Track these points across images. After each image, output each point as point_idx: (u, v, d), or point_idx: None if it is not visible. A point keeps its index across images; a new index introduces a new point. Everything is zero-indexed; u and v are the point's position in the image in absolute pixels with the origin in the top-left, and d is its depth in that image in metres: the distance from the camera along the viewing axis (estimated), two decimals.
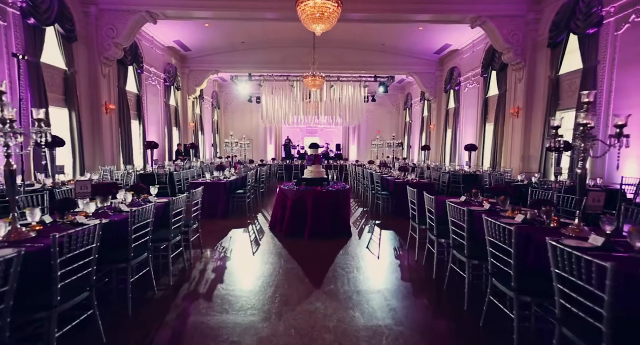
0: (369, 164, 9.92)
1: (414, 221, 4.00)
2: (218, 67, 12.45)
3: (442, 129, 12.84)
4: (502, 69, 9.38)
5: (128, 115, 9.20)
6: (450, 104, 12.40)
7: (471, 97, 11.08)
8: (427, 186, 5.93)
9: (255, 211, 6.43)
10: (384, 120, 16.48)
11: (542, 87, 8.20)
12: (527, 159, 8.65)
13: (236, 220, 5.72)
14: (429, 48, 11.95)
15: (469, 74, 11.07)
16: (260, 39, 11.56)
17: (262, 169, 7.96)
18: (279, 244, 4.42)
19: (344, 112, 13.62)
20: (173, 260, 3.40)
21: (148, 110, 10.28)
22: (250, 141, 16.18)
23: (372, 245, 4.41)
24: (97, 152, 8.16)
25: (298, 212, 4.67)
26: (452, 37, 10.91)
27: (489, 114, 10.28)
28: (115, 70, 8.73)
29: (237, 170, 7.13)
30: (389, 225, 5.48)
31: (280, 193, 5.00)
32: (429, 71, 12.83)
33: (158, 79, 10.82)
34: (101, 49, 8.01)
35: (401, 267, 3.62)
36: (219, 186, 5.79)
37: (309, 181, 4.89)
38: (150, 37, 10.15)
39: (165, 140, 11.34)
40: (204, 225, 5.31)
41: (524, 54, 8.48)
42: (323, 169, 5.14)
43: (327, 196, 4.64)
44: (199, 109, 13.48)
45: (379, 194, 6.20)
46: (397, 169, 7.20)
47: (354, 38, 11.65)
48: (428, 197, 3.54)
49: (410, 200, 4.04)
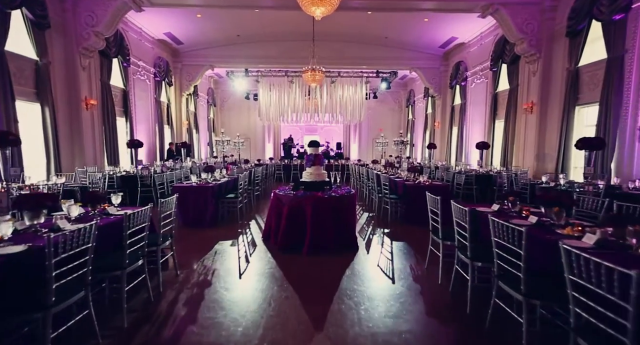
0: (372, 164, 9.11)
1: (435, 235, 3.20)
2: (212, 62, 11.59)
3: (447, 126, 12.04)
4: (514, 62, 8.57)
5: (113, 111, 8.34)
6: (455, 100, 11.59)
7: (479, 92, 10.28)
8: (441, 189, 5.14)
9: (247, 218, 5.62)
10: (386, 117, 15.67)
11: (559, 80, 7.41)
12: (541, 157, 7.87)
13: (225, 229, 4.91)
14: (434, 41, 11.13)
15: (477, 68, 10.26)
16: (256, 31, 10.70)
17: (257, 169, 7.14)
18: (272, 260, 3.62)
19: (344, 109, 12.80)
20: (135, 291, 2.60)
21: (136, 107, 9.42)
22: (247, 140, 15.36)
23: (383, 261, 3.62)
24: (76, 151, 7.31)
25: (295, 222, 3.87)
26: (458, 29, 10.09)
27: (499, 110, 9.48)
28: (97, 62, 7.86)
29: (229, 171, 6.31)
30: (400, 234, 4.69)
31: (274, 199, 4.19)
32: (433, 66, 12.01)
33: (147, 74, 9.95)
34: (79, 38, 7.14)
35: (424, 296, 2.83)
36: (206, 190, 4.97)
37: (307, 185, 4.09)
38: (137, 28, 9.27)
39: (156, 138, 10.49)
40: (187, 235, 4.53)
41: (538, 45, 7.68)
42: (324, 171, 4.34)
43: (329, 203, 3.84)
44: (193, 106, 12.62)
45: (386, 198, 5.41)
46: (404, 170, 6.40)
47: (355, 31, 10.81)
48: (457, 207, 2.74)
49: (431, 209, 3.25)
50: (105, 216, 2.71)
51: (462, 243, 2.69)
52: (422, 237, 4.52)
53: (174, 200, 3.07)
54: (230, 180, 5.78)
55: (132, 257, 2.41)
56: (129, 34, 8.96)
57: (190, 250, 3.99)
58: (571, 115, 7.04)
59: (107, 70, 8.18)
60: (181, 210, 4.93)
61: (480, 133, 10.18)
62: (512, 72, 8.71)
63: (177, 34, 10.30)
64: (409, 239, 4.44)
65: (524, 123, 8.32)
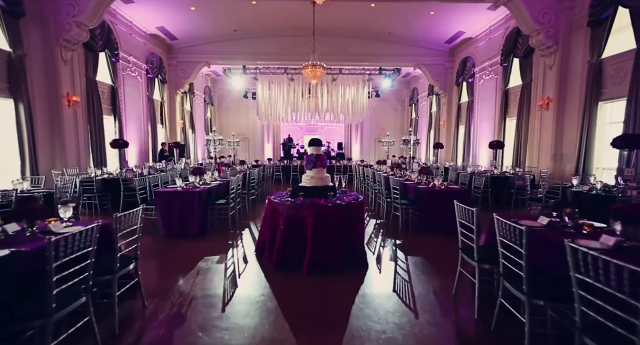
0: (377, 165, 8.40)
1: (468, 255, 2.51)
2: (208, 59, 10.90)
3: (453, 125, 11.36)
4: (527, 56, 7.89)
5: (99, 109, 7.65)
6: (462, 98, 10.91)
7: (487, 89, 9.59)
8: (460, 194, 4.45)
9: (240, 226, 4.92)
10: (388, 116, 14.98)
11: (579, 74, 6.72)
12: (559, 157, 7.18)
13: (213, 240, 4.21)
14: (439, 36, 10.44)
15: (485, 64, 9.57)
16: (253, 26, 10.02)
17: (254, 171, 6.45)
18: (266, 283, 2.93)
19: (346, 108, 12.12)
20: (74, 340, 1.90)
21: (126, 105, 8.73)
22: (246, 140, 14.68)
23: (400, 284, 2.93)
24: (56, 151, 6.62)
25: (293, 235, 3.18)
26: (465, 23, 9.40)
27: (510, 107, 8.80)
28: (81, 56, 7.17)
29: (222, 173, 5.62)
30: (415, 247, 4.00)
31: (269, 207, 3.50)
32: (439, 62, 11.33)
33: (138, 70, 9.26)
34: (60, 28, 6.45)
35: (459, 339, 2.14)
36: (192, 196, 4.28)
37: (308, 191, 3.40)
38: (127, 21, 8.58)
39: (149, 138, 9.80)
40: (167, 250, 3.84)
41: (556, 36, 6.99)
42: (327, 174, 3.64)
43: (334, 213, 3.15)
44: (189, 104, 11.93)
45: (396, 203, 4.72)
46: (415, 171, 5.70)
47: (357, 26, 10.13)
48: (502, 221, 2.05)
49: (461, 222, 2.57)
50: (42, 236, 2.02)
51: (510, 270, 2.01)
52: (441, 249, 3.83)
53: (139, 213, 2.37)
54: (222, 184, 5.09)
55: (65, 297, 1.71)
56: (117, 27, 8.27)
57: (168, 269, 3.30)
58: (593, 111, 6.35)
59: (92, 64, 7.48)
60: (163, 220, 4.24)
61: (489, 132, 9.49)
62: (525, 67, 8.02)
63: (171, 28, 9.61)
64: (427, 253, 3.74)
65: (538, 121, 7.63)
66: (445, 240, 4.05)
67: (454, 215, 2.62)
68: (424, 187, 4.64)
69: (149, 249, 3.85)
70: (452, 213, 2.65)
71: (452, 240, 4.10)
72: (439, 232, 4.31)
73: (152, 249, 3.89)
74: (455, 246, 2.66)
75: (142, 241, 4.10)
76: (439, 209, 4.38)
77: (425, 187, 4.60)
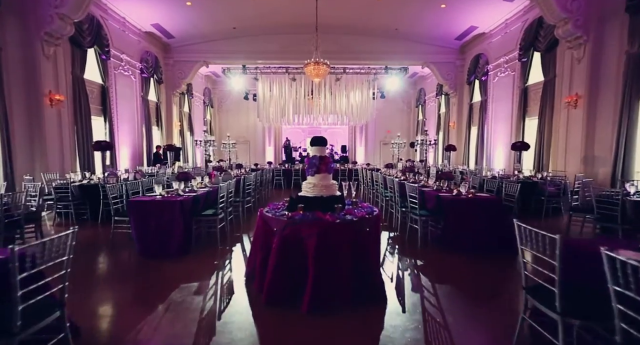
0: (386, 168, 7.59)
1: (543, 302, 1.71)
2: (206, 58, 10.26)
3: (464, 126, 10.54)
4: (550, 49, 7.09)
5: (87, 109, 7.00)
6: (474, 97, 10.11)
7: (503, 87, 8.79)
8: (492, 204, 3.66)
9: (231, 241, 4.16)
10: (394, 118, 14.21)
11: (614, 67, 5.89)
12: (589, 160, 6.33)
13: (196, 260, 3.45)
14: (450, 32, 9.69)
15: (500, 60, 8.78)
16: (253, 23, 9.37)
17: (249, 176, 5.70)
18: (253, 328, 2.16)
19: (350, 109, 11.39)
20: None
21: (118, 105, 8.09)
22: (247, 143, 14.02)
23: (433, 331, 2.13)
24: (36, 154, 5.95)
25: (290, 261, 2.42)
26: (478, 17, 8.65)
27: (530, 106, 7.98)
28: (66, 52, 6.54)
29: (213, 179, 4.88)
30: (442, 270, 3.20)
31: (260, 222, 2.75)
32: (449, 60, 10.56)
33: (132, 69, 8.63)
34: (41, 21, 5.82)
35: None
36: (172, 206, 3.53)
37: (309, 202, 2.64)
38: (119, 17, 7.97)
39: (143, 141, 9.14)
40: (139, 274, 3.09)
41: (586, 26, 6.18)
42: (334, 181, 2.87)
43: (343, 232, 2.39)
44: (187, 106, 11.29)
45: (413, 214, 3.93)
46: (431, 176, 4.91)
47: (363, 23, 9.43)
48: (610, 255, 1.27)
49: (522, 249, 1.78)
50: None
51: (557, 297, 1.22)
52: (475, 274, 3.03)
53: (68, 239, 1.63)
54: (213, 191, 4.34)
55: None
56: (109, 23, 7.65)
57: (129, 305, 2.55)
58: (633, 108, 5.52)
59: (80, 62, 6.85)
60: (139, 235, 3.50)
61: (505, 133, 8.66)
62: (548, 62, 7.21)
63: (167, 25, 9.00)
64: (458, 279, 2.95)
65: (565, 120, 6.80)
66: (477, 261, 3.26)
67: (484, 230, 1.87)
68: (446, 195, 3.85)
69: (112, 275, 3.12)
70: (483, 227, 1.90)
71: (484, 260, 3.33)
72: (466, 249, 3.51)
73: (117, 275, 3.15)
74: (493, 269, 1.89)
75: (112, 262, 3.35)
76: (467, 221, 3.59)
77: (449, 196, 3.81)
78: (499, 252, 3.47)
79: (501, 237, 3.56)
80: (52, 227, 4.91)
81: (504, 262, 3.26)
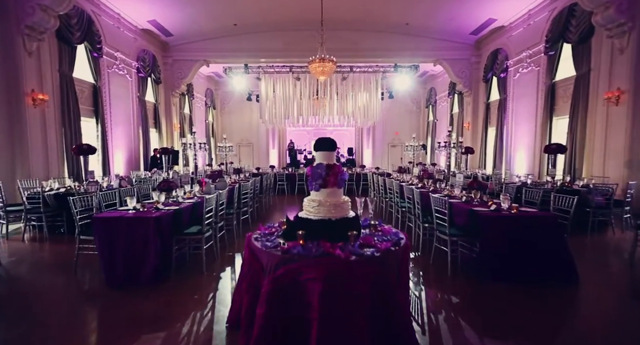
0: (399, 173, 6.77)
1: None
2: (207, 56, 9.65)
3: (480, 127, 9.69)
4: (584, 40, 6.22)
5: (76, 110, 6.41)
6: (492, 96, 9.25)
7: (526, 84, 7.93)
8: (545, 223, 2.87)
9: (220, 264, 3.42)
10: (402, 119, 13.39)
11: None
12: (635, 165, 5.44)
13: (171, 292, 2.72)
14: (465, 26, 8.87)
15: (522, 55, 7.93)
16: (255, 20, 8.72)
17: (247, 183, 4.99)
18: None
19: (357, 110, 10.64)
20: None
21: (111, 106, 7.50)
22: (250, 145, 13.39)
23: None
24: (17, 158, 5.36)
25: (286, 313, 1.68)
26: (497, 9, 7.82)
27: (558, 104, 7.11)
28: (53, 48, 5.96)
29: (204, 187, 4.19)
30: (488, 312, 2.41)
31: (247, 251, 2.02)
32: (463, 57, 9.73)
33: (128, 68, 8.05)
34: (20, 12, 5.24)
35: None
36: (145, 224, 2.83)
37: (313, 228, 1.90)
38: (114, 13, 7.40)
39: (139, 144, 8.54)
40: (93, 312, 2.27)
41: (631, 10, 5.33)
42: (346, 197, 2.12)
43: (360, 274, 1.64)
44: (187, 107, 10.69)
45: (441, 233, 3.16)
46: (456, 184, 4.13)
47: (371, 17, 8.69)
48: None
49: None
50: None
51: None
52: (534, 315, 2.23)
53: None
54: (200, 203, 3.63)
55: None
56: (102, 19, 7.08)
57: None
58: None
59: (68, 59, 6.27)
60: (105, 259, 2.81)
61: (529, 134, 7.79)
62: (581, 54, 6.35)
63: (165, 22, 8.40)
64: (515, 329, 2.15)
65: (603, 118, 5.92)
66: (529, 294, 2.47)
67: (534, 254, 1.15)
68: (482, 210, 3.06)
69: (52, 314, 2.39)
70: (533, 250, 1.16)
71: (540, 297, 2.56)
72: (510, 278, 2.73)
73: (59, 316, 2.39)
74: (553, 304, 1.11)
75: (59, 296, 2.56)
76: (512, 244, 2.80)
77: (485, 211, 3.03)
78: (554, 281, 2.70)
79: (556, 262, 2.77)
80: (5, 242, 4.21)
81: (563, 294, 2.48)
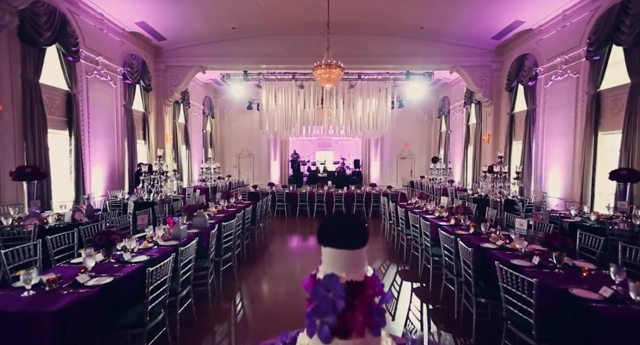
0: (421, 200, 5.45)
1: None
2: (202, 62, 8.63)
3: (502, 140, 8.48)
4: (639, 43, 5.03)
5: (42, 121, 5.35)
6: (517, 106, 8.06)
7: (561, 93, 6.73)
8: None
9: None
10: (413, 129, 12.24)
11: None
12: None
13: None
14: (486, 30, 7.75)
15: (556, 61, 6.75)
16: (255, 22, 7.70)
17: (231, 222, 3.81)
18: None
19: (365, 120, 9.52)
20: None
21: (89, 116, 6.45)
22: (250, 156, 12.31)
23: None
24: None
25: None
26: (525, 10, 6.70)
27: (605, 117, 5.89)
28: (14, 49, 4.92)
29: (172, 228, 3.04)
30: None
31: None
32: (483, 63, 8.60)
33: (112, 74, 7.03)
34: None
35: None
36: (38, 325, 1.66)
37: None
38: (95, 13, 6.40)
39: (124, 159, 7.47)
40: None
41: None
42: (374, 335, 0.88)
43: None
44: (182, 117, 9.65)
45: (513, 327, 1.94)
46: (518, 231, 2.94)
47: (382, 20, 7.62)
48: None
49: None
50: None
51: None
52: None
53: None
54: (158, 260, 2.45)
55: None
56: (80, 19, 6.08)
57: None
58: None
59: (34, 62, 5.22)
60: None
61: (566, 150, 6.56)
62: (636, 58, 5.15)
63: (155, 25, 7.41)
64: None
65: None
66: None
67: None
68: (601, 304, 1.84)
69: None
70: None
71: None
72: None
73: None
74: None
75: None
76: None
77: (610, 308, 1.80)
78: None
79: None
80: None
81: None
